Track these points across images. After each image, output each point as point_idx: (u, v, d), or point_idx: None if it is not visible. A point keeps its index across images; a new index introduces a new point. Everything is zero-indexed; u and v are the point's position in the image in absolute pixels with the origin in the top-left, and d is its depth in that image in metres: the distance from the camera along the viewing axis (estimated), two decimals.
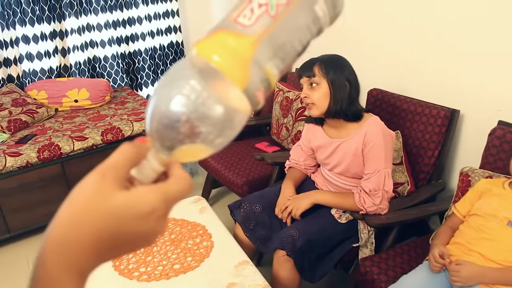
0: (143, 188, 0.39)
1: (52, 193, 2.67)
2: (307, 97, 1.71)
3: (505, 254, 1.46)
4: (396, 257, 1.73)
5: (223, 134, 0.39)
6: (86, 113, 3.15)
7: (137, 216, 0.37)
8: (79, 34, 3.43)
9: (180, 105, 0.37)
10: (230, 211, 1.93)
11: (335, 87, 1.67)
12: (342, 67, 1.70)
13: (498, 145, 1.81)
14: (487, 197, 1.61)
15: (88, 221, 0.36)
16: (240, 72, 0.38)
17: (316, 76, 1.68)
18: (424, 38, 2.17)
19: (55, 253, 0.36)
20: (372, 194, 1.68)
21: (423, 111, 2.06)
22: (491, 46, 1.89)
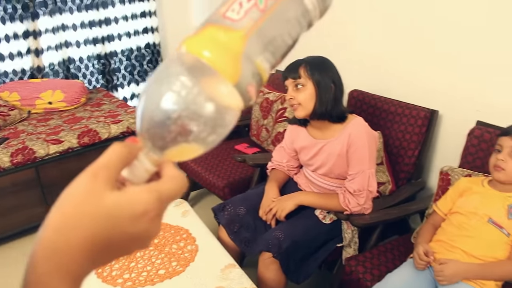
0: (136, 188, 0.38)
1: (26, 198, 2.60)
2: (293, 98, 1.71)
3: (486, 250, 1.50)
4: (380, 255, 1.75)
5: (215, 132, 0.38)
6: (61, 115, 3.08)
7: (130, 217, 0.36)
8: (53, 34, 3.34)
9: (170, 103, 0.36)
10: (214, 214, 1.92)
11: (320, 88, 1.68)
12: (327, 69, 1.71)
13: (477, 145, 1.85)
14: (468, 195, 1.65)
15: (79, 225, 0.35)
16: (231, 66, 0.37)
17: (302, 78, 1.68)
18: (404, 40, 2.20)
19: (46, 258, 0.35)
20: (356, 195, 1.70)
21: (403, 112, 2.09)
22: (470, 48, 1.94)
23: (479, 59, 1.91)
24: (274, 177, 1.97)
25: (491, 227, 1.53)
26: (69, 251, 0.35)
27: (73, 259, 0.35)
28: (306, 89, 1.69)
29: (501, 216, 1.53)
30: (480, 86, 1.93)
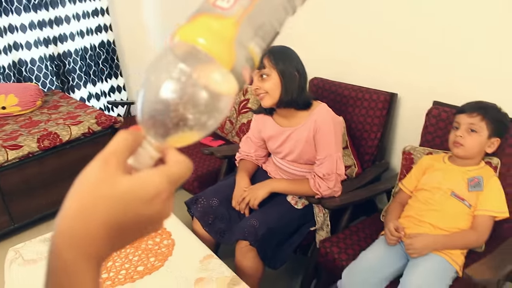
0: (147, 171, 0.39)
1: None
2: (259, 88, 1.74)
3: (451, 221, 1.59)
4: (352, 235, 1.81)
5: (213, 116, 0.40)
6: (16, 120, 2.97)
7: (144, 200, 0.38)
8: (1, 36, 3.21)
9: (170, 91, 0.38)
10: (187, 207, 1.92)
11: (285, 77, 1.71)
12: (290, 58, 1.74)
13: (435, 124, 1.94)
14: (431, 172, 1.73)
15: (96, 210, 0.37)
16: (226, 53, 0.38)
17: (267, 68, 1.71)
18: (361, 28, 2.27)
19: (69, 246, 0.36)
20: (326, 178, 1.75)
21: (363, 97, 2.16)
22: (422, 33, 2.02)
23: (432, 43, 2.00)
24: (243, 167, 1.99)
25: (454, 200, 1.61)
26: (90, 236, 0.36)
27: (94, 244, 0.37)
28: (271, 78, 1.72)
29: (462, 189, 1.62)
30: (434, 68, 2.02)
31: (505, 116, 1.69)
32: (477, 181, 1.62)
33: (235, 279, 1.50)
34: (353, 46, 2.33)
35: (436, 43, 1.98)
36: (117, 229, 0.37)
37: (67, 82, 3.65)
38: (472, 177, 1.64)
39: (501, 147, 1.71)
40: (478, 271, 1.36)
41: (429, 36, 2.00)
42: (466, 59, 1.90)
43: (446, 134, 1.83)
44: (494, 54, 1.82)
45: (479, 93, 1.83)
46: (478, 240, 1.58)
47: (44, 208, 2.73)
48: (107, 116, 2.89)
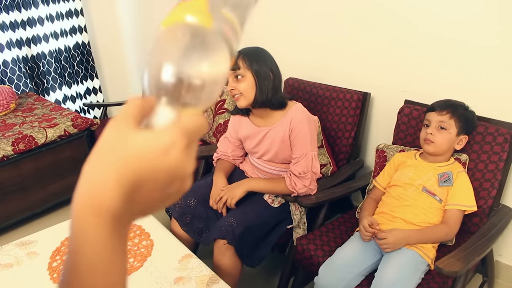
0: (160, 126, 0.40)
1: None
2: (234, 89, 1.76)
3: (422, 216, 1.64)
4: (328, 233, 1.85)
5: (217, 80, 0.42)
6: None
7: (159, 151, 0.37)
8: None
9: (172, 66, 0.40)
10: (165, 208, 1.93)
11: (260, 77, 1.74)
12: (264, 58, 1.77)
13: (407, 122, 2.00)
14: (403, 168, 1.78)
15: (110, 160, 0.36)
16: (202, 14, 0.42)
17: (241, 69, 1.74)
18: (335, 29, 2.31)
19: (80, 194, 0.37)
20: (301, 177, 1.78)
21: (337, 96, 2.20)
22: (394, 34, 2.07)
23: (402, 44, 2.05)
24: (221, 167, 2.01)
25: (426, 195, 1.67)
26: (101, 185, 0.36)
27: (106, 193, 0.36)
28: (245, 79, 1.75)
29: (433, 185, 1.68)
30: (405, 68, 2.08)
31: (473, 114, 1.76)
32: (447, 177, 1.68)
33: (214, 277, 1.52)
34: (327, 47, 2.38)
35: (407, 44, 2.04)
36: (134, 182, 0.36)
37: (41, 84, 3.60)
38: (442, 172, 1.70)
39: (469, 144, 1.77)
40: (448, 264, 1.42)
41: (401, 37, 2.06)
42: (436, 59, 1.97)
43: (417, 132, 1.89)
44: (462, 55, 1.88)
45: (449, 92, 1.89)
46: (448, 234, 1.64)
47: (20, 212, 2.70)
48: (83, 118, 2.87)
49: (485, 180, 1.76)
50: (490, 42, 1.80)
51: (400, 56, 2.08)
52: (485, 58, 1.83)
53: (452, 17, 1.87)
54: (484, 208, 1.76)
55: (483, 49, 1.82)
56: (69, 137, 2.80)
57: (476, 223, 1.78)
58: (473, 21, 1.82)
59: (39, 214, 2.81)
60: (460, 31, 1.86)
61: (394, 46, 2.09)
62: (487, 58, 1.82)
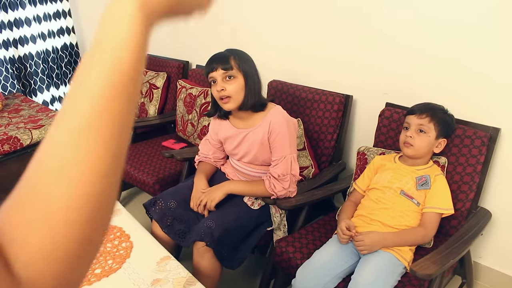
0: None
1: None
2: (224, 89, 1.74)
3: (400, 219, 1.65)
4: (307, 235, 1.86)
5: None
6: None
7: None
8: None
9: None
10: (146, 210, 1.93)
11: (249, 79, 1.74)
12: (250, 60, 1.78)
13: (388, 125, 2.01)
14: (382, 171, 1.80)
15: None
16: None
17: (234, 69, 1.73)
18: (317, 32, 2.32)
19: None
20: (281, 179, 1.79)
21: (320, 99, 2.21)
22: (375, 38, 2.09)
23: (385, 47, 2.07)
24: (202, 169, 2.02)
25: (403, 198, 1.68)
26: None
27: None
28: (236, 80, 1.74)
29: (411, 188, 1.69)
30: (387, 71, 2.09)
31: (451, 117, 1.77)
32: (425, 180, 1.69)
33: (191, 279, 1.52)
34: (310, 51, 2.39)
35: (388, 48, 2.05)
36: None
37: (28, 85, 3.60)
38: (420, 176, 1.71)
39: (448, 147, 1.79)
40: (422, 267, 1.42)
41: (382, 42, 2.07)
42: (417, 63, 1.98)
43: (398, 135, 1.90)
44: (442, 60, 1.90)
45: (429, 95, 1.91)
46: (425, 236, 1.65)
47: None
48: None
49: (463, 183, 1.77)
50: (469, 47, 1.81)
51: (381, 59, 2.10)
52: (463, 62, 1.84)
53: (431, 23, 1.88)
54: (463, 210, 1.77)
55: (462, 54, 1.84)
56: None
57: (454, 226, 1.79)
58: (452, 26, 1.83)
59: None
60: (440, 37, 1.87)
61: (376, 50, 2.10)
62: (465, 62, 1.83)
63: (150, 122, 2.90)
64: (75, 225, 0.34)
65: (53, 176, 0.33)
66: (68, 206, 0.33)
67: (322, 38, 2.30)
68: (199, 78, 2.86)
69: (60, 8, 3.58)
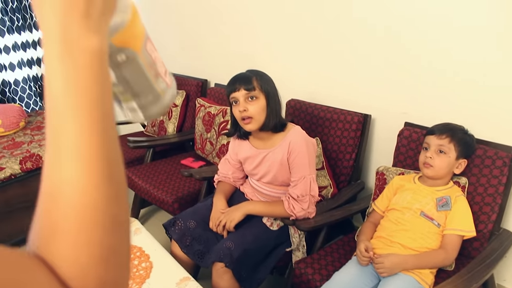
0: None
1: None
2: (246, 110, 1.75)
3: (420, 241, 1.63)
4: (327, 256, 1.85)
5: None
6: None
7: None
8: None
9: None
10: (165, 230, 1.95)
11: (271, 100, 1.76)
12: (271, 81, 1.80)
13: (407, 144, 2.00)
14: (401, 192, 1.78)
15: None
16: None
17: (257, 90, 1.75)
18: (336, 51, 2.34)
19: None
20: (300, 200, 1.79)
21: (338, 118, 2.22)
22: (395, 58, 2.09)
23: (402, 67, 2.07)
24: (221, 189, 2.03)
25: (424, 219, 1.66)
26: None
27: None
28: (259, 101, 1.76)
29: (431, 209, 1.67)
30: (405, 91, 2.09)
31: (472, 138, 1.75)
32: (445, 201, 1.68)
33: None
34: (328, 69, 2.40)
35: (408, 68, 2.05)
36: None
37: None
38: (440, 197, 1.69)
39: (468, 167, 1.77)
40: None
41: (401, 61, 2.07)
42: (436, 83, 1.97)
43: (417, 154, 1.89)
44: (462, 80, 1.89)
45: (448, 114, 1.90)
46: (447, 259, 1.63)
47: (26, 230, 2.71)
48: None
49: (484, 204, 1.75)
50: (488, 68, 1.80)
51: (400, 78, 2.09)
52: (484, 82, 1.83)
53: (452, 44, 1.88)
54: (485, 232, 1.75)
55: (481, 75, 1.83)
56: None
57: (476, 248, 1.76)
58: (473, 47, 1.82)
59: None
60: (460, 57, 1.87)
61: (395, 69, 2.10)
62: (486, 82, 1.82)
63: (169, 140, 2.93)
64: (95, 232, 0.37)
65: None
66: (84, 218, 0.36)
67: (341, 57, 2.32)
68: (218, 97, 2.89)
69: None
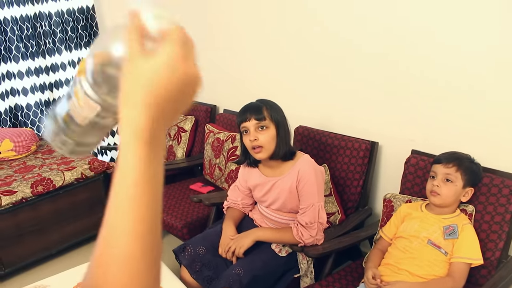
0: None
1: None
2: (256, 139, 1.80)
3: (427, 269, 1.65)
4: (335, 283, 1.87)
5: None
6: (11, 164, 3.04)
7: (165, 70, 0.44)
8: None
9: None
10: (175, 256, 1.97)
11: (280, 129, 1.81)
12: (281, 110, 1.85)
13: (414, 172, 2.03)
14: (409, 220, 1.81)
15: (134, 100, 0.44)
16: None
17: (267, 120, 1.80)
18: (343, 79, 2.39)
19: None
20: (308, 227, 1.81)
21: (346, 145, 2.25)
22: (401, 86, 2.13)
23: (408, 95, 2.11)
24: (230, 215, 2.06)
25: (431, 248, 1.68)
26: (134, 106, 0.44)
27: (139, 116, 0.44)
28: (269, 130, 1.81)
29: (438, 237, 1.69)
30: (412, 118, 2.13)
31: (478, 166, 1.78)
32: (452, 229, 1.70)
33: None
34: (337, 97, 2.44)
35: (415, 94, 2.09)
36: (156, 102, 0.44)
37: None
38: (447, 225, 1.71)
39: (475, 195, 1.79)
40: None
41: (409, 89, 2.11)
42: (442, 111, 2.01)
43: (424, 182, 1.92)
44: (469, 107, 1.92)
45: (455, 142, 1.93)
46: (454, 287, 1.64)
47: (36, 254, 2.77)
48: (100, 162, 2.96)
49: (492, 231, 1.77)
50: (497, 96, 1.83)
51: (407, 106, 2.13)
52: (490, 110, 1.86)
53: (460, 69, 1.91)
54: (492, 260, 1.76)
55: (487, 103, 1.86)
56: (86, 180, 2.89)
57: (484, 275, 1.77)
58: (480, 73, 1.86)
59: (54, 255, 2.88)
60: (467, 84, 1.90)
61: (402, 96, 2.14)
62: (492, 110, 1.85)
63: (178, 165, 2.97)
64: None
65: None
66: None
67: (348, 85, 2.36)
68: (227, 123, 2.93)
69: None
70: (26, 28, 3.37)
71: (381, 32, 2.15)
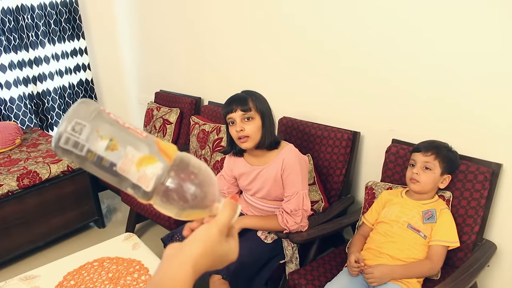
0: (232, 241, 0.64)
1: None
2: (242, 130, 1.84)
3: (407, 252, 1.72)
4: (319, 267, 1.93)
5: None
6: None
7: (229, 252, 0.63)
8: None
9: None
10: (164, 244, 2.01)
11: (266, 119, 1.85)
12: (266, 101, 1.89)
13: (394, 160, 2.10)
14: (389, 206, 1.88)
15: (207, 257, 0.59)
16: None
17: (252, 110, 1.84)
18: (326, 72, 2.44)
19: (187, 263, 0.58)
20: (293, 214, 1.87)
21: (329, 135, 2.32)
22: (382, 78, 2.20)
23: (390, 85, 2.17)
24: None
25: (410, 232, 1.76)
26: (199, 264, 0.59)
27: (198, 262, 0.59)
28: (254, 121, 1.85)
29: (417, 222, 1.76)
30: (392, 108, 2.19)
31: (455, 154, 1.85)
32: (431, 214, 1.77)
33: None
34: (320, 90, 2.50)
35: (395, 87, 2.15)
36: (201, 267, 0.59)
37: (46, 120, 3.73)
38: (426, 210, 1.78)
39: (452, 182, 1.87)
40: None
41: (389, 81, 2.17)
42: (422, 102, 2.07)
43: (404, 170, 1.99)
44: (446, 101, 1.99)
45: (433, 131, 2.00)
46: (432, 269, 1.71)
47: (23, 246, 2.78)
48: None
49: (468, 216, 1.85)
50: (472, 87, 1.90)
51: (387, 98, 2.19)
52: (466, 102, 1.93)
53: (438, 62, 1.98)
54: (468, 243, 1.84)
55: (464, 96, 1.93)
56: (72, 172, 2.90)
57: (461, 258, 1.85)
58: (454, 72, 1.92)
59: (41, 247, 2.89)
60: (444, 82, 1.97)
61: (384, 89, 2.20)
62: (468, 102, 1.92)
63: None
64: None
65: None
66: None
67: (330, 77, 2.42)
68: (211, 114, 2.97)
69: (77, 46, 3.75)
70: (8, 21, 3.35)
71: (360, 25, 2.21)
